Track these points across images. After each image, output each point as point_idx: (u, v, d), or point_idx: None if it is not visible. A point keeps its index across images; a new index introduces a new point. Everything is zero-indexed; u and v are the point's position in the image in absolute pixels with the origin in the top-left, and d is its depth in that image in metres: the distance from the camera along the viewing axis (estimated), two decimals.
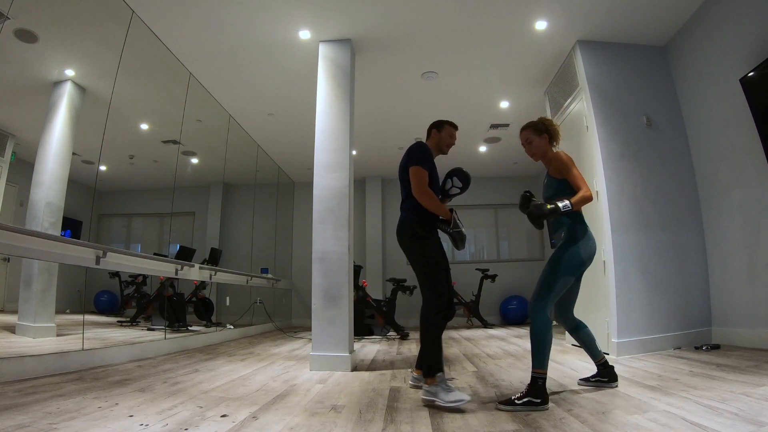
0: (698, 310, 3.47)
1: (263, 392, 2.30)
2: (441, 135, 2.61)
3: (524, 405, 1.87)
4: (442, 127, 2.63)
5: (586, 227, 2.18)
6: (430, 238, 2.37)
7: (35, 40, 3.20)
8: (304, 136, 4.84)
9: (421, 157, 2.42)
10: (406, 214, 2.41)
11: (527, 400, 1.88)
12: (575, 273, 2.12)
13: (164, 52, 3.92)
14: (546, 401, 1.89)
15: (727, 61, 3.23)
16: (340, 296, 3.20)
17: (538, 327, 2.02)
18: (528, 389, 1.92)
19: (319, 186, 3.39)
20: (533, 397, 1.89)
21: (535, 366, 1.98)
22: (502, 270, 7.35)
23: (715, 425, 1.50)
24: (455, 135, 2.66)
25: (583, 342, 2.30)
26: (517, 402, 1.89)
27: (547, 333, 2.00)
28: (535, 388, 1.91)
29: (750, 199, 3.13)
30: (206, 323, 5.32)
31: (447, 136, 2.62)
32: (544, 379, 1.94)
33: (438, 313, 2.21)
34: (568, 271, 2.09)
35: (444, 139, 2.61)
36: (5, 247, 2.44)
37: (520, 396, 1.91)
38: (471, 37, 3.84)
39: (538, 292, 2.08)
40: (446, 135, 2.62)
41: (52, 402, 1.96)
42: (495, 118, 5.57)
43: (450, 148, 2.65)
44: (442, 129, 2.62)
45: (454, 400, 1.93)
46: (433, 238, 2.40)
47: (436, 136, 2.62)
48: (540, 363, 1.97)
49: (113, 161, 4.50)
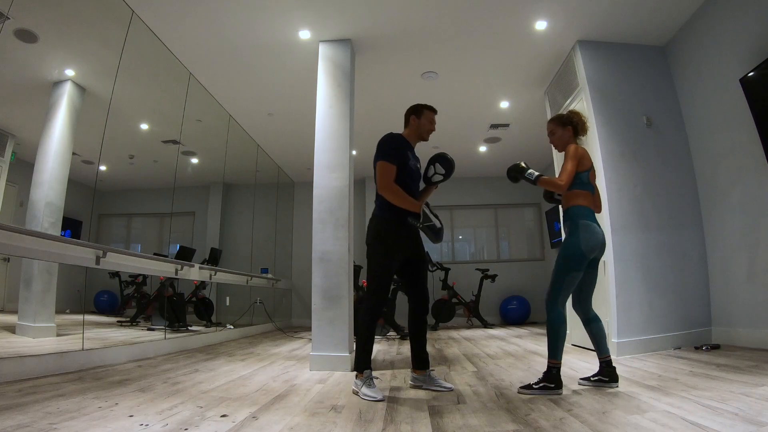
0: (698, 310, 3.47)
1: (263, 392, 2.29)
2: (421, 121, 2.49)
3: (541, 389, 2.10)
4: (421, 112, 2.50)
5: (588, 222, 2.21)
6: (391, 241, 2.33)
7: (35, 40, 3.20)
8: (304, 136, 4.84)
9: (386, 150, 2.35)
10: (375, 211, 2.41)
11: (543, 385, 2.11)
12: (579, 267, 2.18)
13: (164, 52, 3.92)
14: (560, 387, 2.10)
15: (727, 61, 3.23)
16: (340, 296, 3.20)
17: (551, 321, 2.18)
18: (544, 376, 2.14)
19: (319, 186, 3.39)
20: (548, 382, 2.11)
21: (550, 357, 2.16)
22: (502, 270, 7.35)
23: (715, 425, 1.50)
24: (435, 119, 2.55)
25: (594, 336, 2.30)
26: (535, 387, 2.12)
27: (560, 326, 2.17)
28: (550, 376, 2.12)
29: (750, 199, 3.13)
30: (206, 323, 5.32)
31: (427, 122, 2.50)
32: (558, 369, 2.14)
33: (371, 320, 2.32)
34: (570, 265, 2.18)
35: (424, 125, 2.50)
36: (5, 247, 2.44)
37: (538, 381, 2.14)
38: (471, 37, 3.84)
39: (549, 290, 2.21)
40: (426, 121, 2.50)
41: (52, 402, 1.96)
42: (495, 118, 5.57)
43: (431, 134, 2.54)
44: (421, 114, 2.49)
45: (369, 396, 2.13)
46: (398, 240, 2.35)
47: (416, 122, 2.50)
48: (554, 354, 2.16)
49: (113, 161, 4.51)
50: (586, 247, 2.17)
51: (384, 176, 2.32)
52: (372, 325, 2.34)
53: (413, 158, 2.49)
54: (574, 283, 2.21)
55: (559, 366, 2.14)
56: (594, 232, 2.20)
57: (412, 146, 2.53)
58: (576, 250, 2.17)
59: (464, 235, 8.39)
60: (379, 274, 2.34)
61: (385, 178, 2.32)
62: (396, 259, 2.36)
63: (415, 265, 2.46)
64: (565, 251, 2.20)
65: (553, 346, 2.16)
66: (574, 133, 2.40)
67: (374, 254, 2.36)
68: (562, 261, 2.19)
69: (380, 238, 2.35)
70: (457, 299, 6.80)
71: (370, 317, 2.33)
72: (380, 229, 2.36)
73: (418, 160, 2.56)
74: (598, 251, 2.22)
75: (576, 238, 2.18)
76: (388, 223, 2.35)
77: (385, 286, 2.35)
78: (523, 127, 5.73)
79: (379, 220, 2.38)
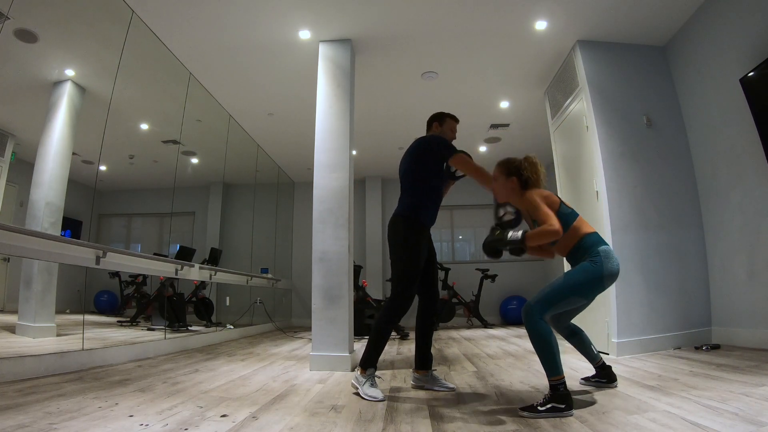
0: (698, 310, 3.47)
1: (263, 392, 2.29)
2: (443, 129, 2.50)
3: (549, 411, 1.74)
4: (444, 120, 2.50)
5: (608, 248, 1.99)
6: (417, 239, 2.32)
7: (35, 40, 3.20)
8: (304, 136, 4.84)
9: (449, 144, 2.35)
10: (403, 212, 2.37)
11: (551, 406, 1.75)
12: (589, 295, 1.95)
13: (164, 52, 3.92)
14: (570, 407, 1.76)
15: (727, 61, 3.23)
16: (340, 296, 3.20)
17: (538, 334, 1.86)
18: (550, 396, 1.79)
19: (319, 186, 3.38)
20: (557, 403, 1.76)
21: (550, 375, 1.82)
22: (502, 270, 7.34)
23: (715, 425, 1.50)
24: (456, 129, 2.55)
25: (581, 346, 2.26)
26: (541, 408, 1.75)
27: (549, 336, 1.85)
28: (557, 395, 1.78)
29: (750, 199, 3.13)
30: (206, 323, 5.32)
31: (449, 130, 2.50)
32: (564, 384, 1.80)
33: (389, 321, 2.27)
34: (582, 291, 1.93)
35: (446, 133, 2.50)
36: (5, 247, 2.44)
37: (544, 402, 1.77)
38: (471, 37, 3.84)
39: (538, 298, 1.92)
40: (448, 129, 2.50)
41: (52, 402, 1.96)
42: (495, 118, 5.57)
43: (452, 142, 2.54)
44: (444, 122, 2.50)
45: (370, 396, 2.09)
46: (422, 239, 2.35)
47: (438, 129, 2.50)
48: (554, 370, 1.82)
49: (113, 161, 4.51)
50: (609, 274, 1.92)
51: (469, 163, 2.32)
52: (389, 327, 2.29)
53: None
54: (570, 308, 1.99)
55: (564, 381, 1.81)
56: (616, 260, 1.96)
57: None
58: (596, 277, 1.91)
59: (464, 235, 8.39)
60: (407, 276, 2.27)
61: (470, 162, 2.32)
62: (422, 261, 2.34)
63: (429, 266, 2.46)
64: (584, 275, 1.92)
65: (549, 361, 1.83)
66: (521, 186, 2.09)
67: (403, 256, 2.29)
68: (574, 282, 1.92)
69: (409, 239, 2.30)
70: (457, 299, 6.81)
71: (390, 318, 2.26)
72: (408, 231, 2.31)
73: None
74: (611, 283, 1.97)
75: (599, 266, 1.91)
76: (414, 224, 2.32)
77: (412, 290, 2.27)
78: (523, 127, 5.73)
79: (403, 220, 2.34)
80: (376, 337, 2.28)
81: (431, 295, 2.48)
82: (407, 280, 2.27)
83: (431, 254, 2.49)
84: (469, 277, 7.15)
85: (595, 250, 1.95)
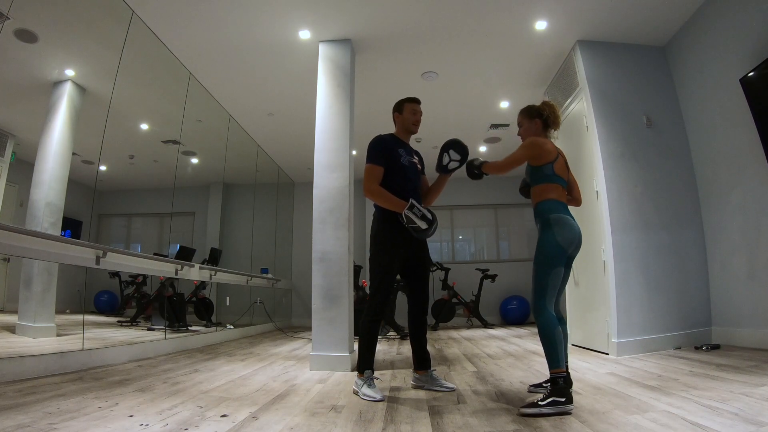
0: (698, 310, 3.47)
1: (263, 392, 2.30)
2: (403, 115, 2.51)
3: (549, 406, 1.77)
4: (401, 106, 2.52)
5: (560, 215, 2.05)
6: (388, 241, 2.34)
7: (35, 40, 3.20)
8: (304, 136, 4.84)
9: (370, 153, 2.40)
10: (374, 212, 2.46)
11: (551, 400, 1.79)
12: (560, 262, 2.01)
13: (164, 52, 3.92)
14: (570, 400, 1.80)
15: (727, 61, 3.23)
16: (340, 296, 3.20)
17: (543, 327, 1.94)
18: (551, 390, 1.83)
19: (319, 186, 3.39)
20: (557, 396, 1.79)
21: (551, 366, 1.90)
22: (502, 270, 7.35)
23: (715, 425, 1.50)
24: (419, 109, 2.53)
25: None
26: (542, 404, 1.78)
27: (554, 329, 1.92)
28: (557, 388, 1.82)
29: (750, 199, 3.13)
30: (206, 323, 5.32)
31: (409, 114, 2.50)
32: (564, 377, 1.86)
33: (371, 321, 2.32)
34: (550, 262, 2.00)
35: (407, 118, 2.50)
36: (5, 247, 2.44)
37: (544, 397, 1.81)
38: (471, 37, 3.84)
39: (533, 295, 2.04)
40: (408, 113, 2.50)
41: (52, 402, 1.96)
42: (495, 118, 5.57)
43: (418, 125, 2.53)
44: (402, 109, 2.51)
45: (369, 396, 2.14)
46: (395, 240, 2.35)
47: (399, 118, 2.53)
48: (556, 362, 1.89)
49: (113, 161, 4.51)
50: (562, 240, 2.00)
51: (367, 179, 2.36)
52: (373, 327, 2.33)
53: (407, 154, 2.47)
54: (559, 280, 2.03)
55: (564, 374, 1.88)
56: (568, 225, 2.03)
57: (404, 142, 2.53)
58: (552, 246, 2.00)
59: (464, 235, 8.39)
60: (378, 274, 2.34)
61: (367, 180, 2.35)
62: (395, 258, 2.35)
63: (415, 266, 2.46)
64: (542, 249, 2.03)
65: (552, 352, 1.91)
66: (544, 127, 2.21)
67: (374, 254, 2.38)
68: (542, 259, 2.02)
69: (377, 237, 2.37)
70: (457, 299, 6.80)
71: (371, 318, 2.33)
72: (377, 229, 2.39)
73: (414, 155, 2.55)
74: (575, 246, 2.05)
75: (550, 233, 2.01)
76: (384, 223, 2.37)
77: (386, 287, 2.34)
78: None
79: (375, 220, 2.42)
80: (363, 339, 2.33)
81: (416, 296, 2.47)
82: (379, 276, 2.33)
83: (418, 255, 2.46)
84: (469, 277, 7.15)
85: (546, 216, 2.06)
